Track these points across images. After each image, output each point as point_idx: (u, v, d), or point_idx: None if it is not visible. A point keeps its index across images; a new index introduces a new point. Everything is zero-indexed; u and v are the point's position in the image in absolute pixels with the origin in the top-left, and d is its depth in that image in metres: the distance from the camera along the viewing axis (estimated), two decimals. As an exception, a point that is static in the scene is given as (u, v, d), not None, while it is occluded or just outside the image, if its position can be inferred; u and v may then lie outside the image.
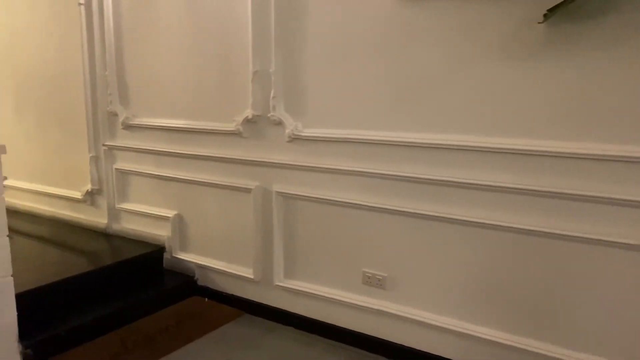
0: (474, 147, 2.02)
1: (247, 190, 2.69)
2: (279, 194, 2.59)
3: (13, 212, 3.93)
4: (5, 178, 4.03)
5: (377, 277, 2.36)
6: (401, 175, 2.20)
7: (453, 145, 2.06)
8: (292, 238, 2.61)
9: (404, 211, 2.22)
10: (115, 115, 3.20)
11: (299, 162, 2.50)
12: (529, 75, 1.90)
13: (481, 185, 2.02)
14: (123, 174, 3.27)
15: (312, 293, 2.56)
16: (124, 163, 3.25)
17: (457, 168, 2.08)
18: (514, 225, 1.98)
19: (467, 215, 2.08)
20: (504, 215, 2.00)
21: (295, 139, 2.50)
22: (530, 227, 1.95)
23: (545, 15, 1.78)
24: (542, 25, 1.83)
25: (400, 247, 2.28)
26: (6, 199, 4.04)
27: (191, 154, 2.89)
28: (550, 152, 1.87)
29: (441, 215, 2.13)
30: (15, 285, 2.23)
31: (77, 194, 3.50)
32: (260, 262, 2.72)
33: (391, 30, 2.17)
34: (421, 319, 2.25)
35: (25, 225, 3.69)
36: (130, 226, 3.27)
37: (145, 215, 3.17)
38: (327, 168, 2.41)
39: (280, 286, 2.66)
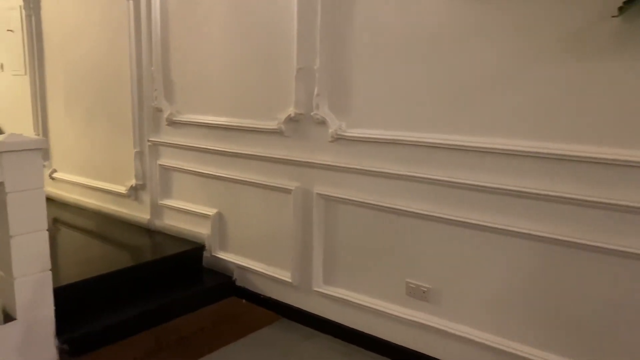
0: (531, 152, 1.84)
1: (287, 191, 2.60)
2: (320, 195, 2.49)
3: (61, 205, 4.03)
4: (55, 171, 4.15)
5: (422, 288, 2.21)
6: (453, 182, 2.05)
7: (511, 150, 1.89)
8: (333, 242, 2.50)
9: (453, 220, 2.07)
10: (160, 111, 3.19)
11: (342, 164, 2.38)
12: (599, 76, 1.70)
13: (543, 195, 1.84)
14: (166, 170, 3.25)
15: (352, 301, 2.44)
16: (167, 159, 3.23)
17: (516, 175, 1.90)
18: (580, 241, 1.79)
19: (524, 228, 1.90)
20: (569, 230, 1.81)
21: (338, 139, 2.39)
22: (597, 243, 1.76)
23: (621, 8, 1.59)
24: (616, 20, 1.63)
25: (446, 258, 2.13)
26: (56, 191, 4.16)
27: (232, 152, 2.83)
28: (626, 161, 1.67)
29: (494, 226, 1.97)
30: (56, 279, 2.24)
31: (122, 189, 3.52)
32: (299, 266, 2.62)
33: (445, 27, 2.02)
34: (465, 335, 2.09)
35: (72, 217, 3.76)
36: (172, 223, 3.26)
37: (186, 212, 3.15)
38: (372, 171, 2.28)
39: (319, 292, 2.56)
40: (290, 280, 2.65)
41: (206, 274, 3.03)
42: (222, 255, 2.99)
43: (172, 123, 3.14)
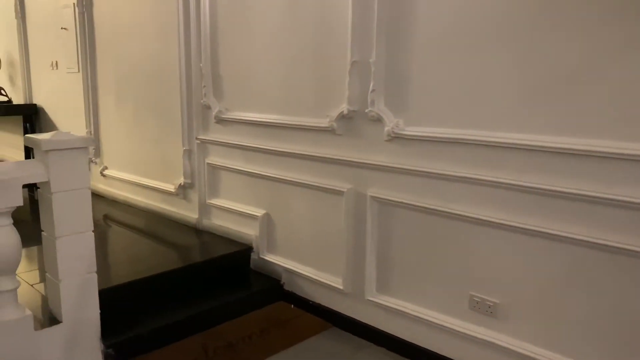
0: (622, 155, 1.61)
1: (339, 193, 2.45)
2: (374, 199, 2.32)
3: (112, 202, 4.04)
4: (106, 168, 4.16)
5: (487, 302, 2.01)
6: (524, 186, 1.83)
7: (599, 152, 1.66)
8: (388, 249, 2.33)
9: (527, 229, 1.85)
10: (209, 108, 3.10)
11: (399, 165, 2.21)
12: None
13: (637, 204, 1.61)
14: (214, 168, 3.17)
15: (408, 313, 2.26)
16: (215, 158, 3.15)
17: (606, 182, 1.67)
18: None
19: (618, 241, 1.66)
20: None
21: (395, 137, 2.21)
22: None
23: None
24: None
25: (518, 271, 1.92)
26: (106, 188, 4.17)
27: (281, 151, 2.70)
28: None
29: (579, 237, 1.74)
30: (103, 280, 2.19)
31: (171, 187, 3.47)
32: (351, 272, 2.47)
33: (521, 16, 1.81)
34: (536, 356, 1.88)
35: (122, 214, 3.75)
36: (220, 222, 3.17)
37: (234, 212, 3.05)
38: (432, 173, 2.09)
39: (372, 301, 2.39)
40: (341, 287, 2.50)
41: (253, 276, 2.92)
42: (270, 257, 2.88)
43: (221, 121, 3.05)
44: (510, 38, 1.83)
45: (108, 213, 3.86)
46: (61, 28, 4.30)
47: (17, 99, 5.18)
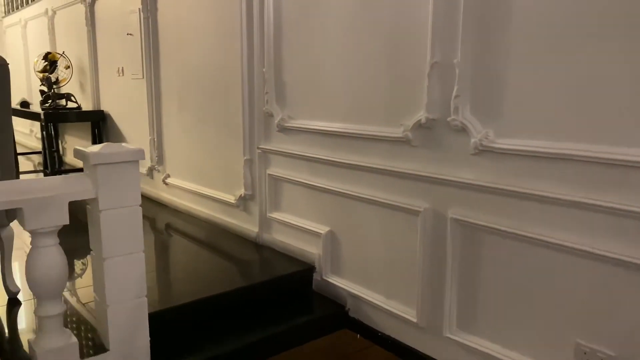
0: None
1: (415, 213, 2.15)
2: (457, 221, 2.00)
3: (173, 211, 3.93)
4: (168, 176, 4.07)
5: (599, 354, 1.64)
6: (655, 215, 1.47)
7: None
8: (472, 280, 2.00)
9: (653, 268, 1.49)
10: (271, 116, 2.90)
11: (487, 183, 1.88)
12: None
13: None
14: (276, 180, 2.96)
15: (495, 357, 1.92)
16: (277, 168, 2.93)
17: None
18: None
19: None
20: None
21: (483, 151, 1.89)
22: None
23: None
24: None
25: (641, 319, 1.55)
26: (168, 196, 4.07)
27: (349, 163, 2.44)
28: None
29: None
30: (160, 300, 2.02)
31: (231, 198, 3.29)
32: (427, 303, 2.16)
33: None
34: None
35: (183, 224, 3.63)
36: (280, 238, 2.95)
37: (296, 228, 2.82)
38: (532, 195, 1.75)
39: (452, 339, 2.07)
40: (415, 320, 2.20)
41: (316, 299, 2.67)
42: (334, 280, 2.62)
43: (283, 129, 2.83)
44: (636, 33, 1.47)
45: (170, 222, 3.77)
46: (127, 34, 4.27)
47: (86, 106, 5.25)
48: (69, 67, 5.23)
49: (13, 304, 2.38)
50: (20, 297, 2.36)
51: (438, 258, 2.09)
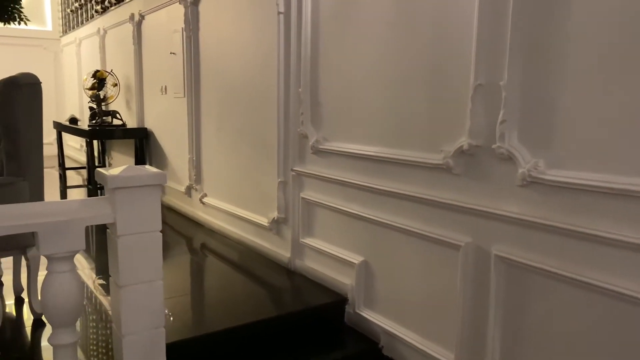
0: None
1: (455, 247, 1.97)
2: (501, 259, 1.81)
3: (209, 230, 3.88)
4: (205, 195, 4.02)
5: None
6: None
7: None
8: (518, 326, 1.79)
9: None
10: (306, 137, 2.79)
11: (537, 218, 1.68)
12: None
13: None
14: (309, 204, 2.84)
15: (543, 415, 1.71)
16: (311, 192, 2.81)
17: None
18: None
19: None
20: None
21: (532, 182, 1.70)
22: None
23: None
24: None
25: None
26: (204, 216, 4.02)
27: (384, 190, 2.28)
28: None
29: None
30: (194, 327, 1.95)
31: (264, 221, 3.20)
32: (467, 348, 1.96)
33: None
34: None
35: (217, 245, 3.57)
36: (313, 265, 2.82)
37: (328, 255, 2.68)
38: (590, 235, 1.54)
39: (494, 390, 1.87)
40: (453, 365, 2.00)
41: (347, 334, 2.51)
42: (368, 314, 2.45)
43: (318, 151, 2.71)
44: None
45: (205, 242, 3.72)
46: (170, 53, 4.31)
47: (131, 123, 5.33)
48: (116, 84, 5.34)
49: (38, 325, 2.35)
50: (44, 318, 2.32)
51: (480, 298, 1.90)
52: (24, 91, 2.13)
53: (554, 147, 1.65)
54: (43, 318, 2.32)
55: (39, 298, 2.31)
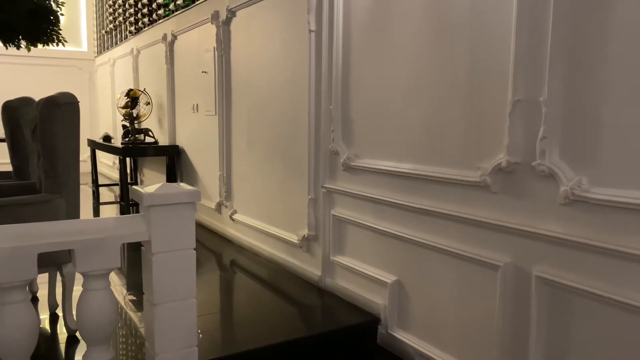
0: None
1: (493, 267, 1.91)
2: (543, 280, 1.74)
3: (239, 247, 3.88)
4: (235, 212, 4.03)
5: None
6: None
7: None
8: (562, 351, 1.72)
9: None
10: (337, 154, 2.77)
11: (580, 238, 1.62)
12: None
13: None
14: (340, 221, 2.81)
15: None
16: (342, 209, 2.78)
17: None
18: None
19: None
20: None
21: (575, 201, 1.64)
22: None
23: None
24: None
25: None
26: (234, 233, 4.03)
27: (420, 208, 2.24)
28: None
29: None
30: (219, 347, 1.93)
31: (295, 238, 3.18)
32: (507, 372, 1.89)
33: None
34: None
35: (247, 262, 3.56)
36: (344, 284, 2.78)
37: (360, 274, 2.64)
38: (638, 256, 1.48)
39: (537, 418, 1.78)
40: (492, 390, 1.93)
41: (380, 355, 2.45)
42: (401, 335, 2.39)
43: (349, 168, 2.69)
44: None
45: (235, 259, 3.72)
46: (202, 72, 4.37)
47: (163, 140, 5.41)
48: (149, 103, 5.45)
49: (72, 342, 2.37)
50: (79, 335, 2.34)
51: (520, 321, 1.83)
52: (63, 110, 2.18)
53: (598, 164, 1.59)
54: (77, 335, 2.33)
55: (74, 314, 2.34)
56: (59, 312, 2.60)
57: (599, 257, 1.59)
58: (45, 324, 2.54)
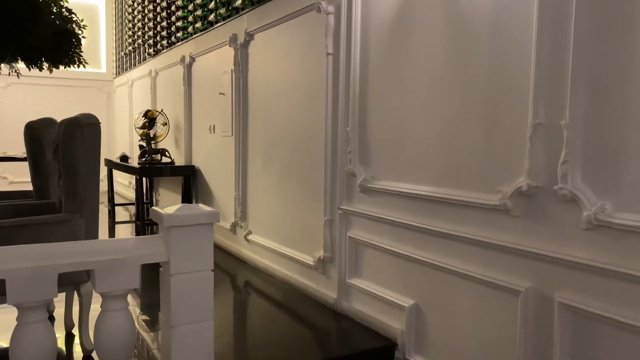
0: None
1: (514, 293, 1.88)
2: (566, 306, 1.71)
3: (253, 268, 3.87)
4: (250, 232, 4.03)
5: None
6: None
7: None
8: (586, 380, 1.67)
9: None
10: (354, 175, 2.77)
11: (605, 264, 1.59)
12: None
13: None
14: (357, 243, 2.79)
15: None
16: (358, 231, 2.77)
17: None
18: None
19: None
20: None
21: (599, 226, 1.61)
22: None
23: None
24: None
25: None
26: (249, 253, 4.02)
27: (437, 231, 2.22)
28: None
29: None
30: None
31: (310, 260, 3.16)
32: (529, 402, 1.84)
33: None
34: None
35: (261, 283, 3.55)
36: (360, 307, 2.75)
37: (377, 298, 2.61)
38: (662, 283, 1.45)
39: None
40: (514, 420, 1.87)
41: (397, 381, 2.41)
42: (419, 360, 2.35)
43: (366, 190, 2.68)
44: None
45: (249, 280, 3.70)
46: (219, 93, 4.42)
47: (179, 161, 5.46)
48: (166, 124, 5.51)
49: (87, 362, 2.36)
50: (94, 355, 2.33)
51: (542, 348, 1.79)
52: (85, 131, 2.22)
53: (622, 188, 1.56)
54: (93, 355, 2.32)
55: (90, 335, 2.33)
56: (75, 331, 2.60)
57: (624, 283, 1.55)
58: (62, 344, 2.54)
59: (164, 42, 5.97)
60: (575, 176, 1.68)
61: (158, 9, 6.09)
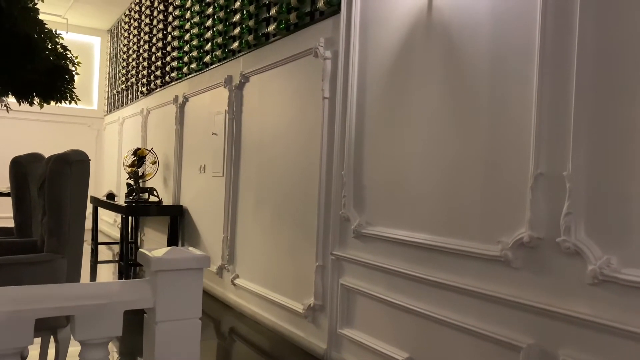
0: None
1: (515, 349, 1.80)
2: (571, 365, 1.63)
3: (239, 314, 3.74)
4: (237, 276, 3.91)
5: None
6: None
7: None
8: None
9: None
10: (348, 220, 2.71)
11: (611, 322, 1.53)
12: None
13: None
14: (349, 292, 2.70)
15: None
16: (351, 278, 2.69)
17: None
18: None
19: None
20: None
21: (605, 281, 1.56)
22: None
23: None
24: None
25: None
26: (235, 298, 3.88)
27: (433, 281, 2.15)
28: None
29: None
30: None
31: (299, 307, 3.05)
32: None
33: None
34: None
35: (247, 331, 3.41)
36: (351, 359, 2.63)
37: (369, 349, 2.50)
38: (675, 344, 1.38)
39: None
40: None
41: None
42: (413, 418, 2.23)
43: (360, 236, 2.62)
44: None
45: (235, 327, 3.56)
46: (212, 134, 4.39)
47: (167, 200, 5.37)
48: (155, 162, 5.45)
49: (60, 413, 2.20)
50: (68, 406, 2.18)
51: (546, 410, 1.70)
52: (73, 168, 2.14)
53: (628, 243, 1.52)
54: (67, 406, 2.17)
55: (65, 384, 2.19)
56: (49, 379, 2.44)
57: (630, 342, 1.49)
58: (33, 393, 2.38)
59: (158, 81, 5.99)
60: (579, 228, 1.64)
61: (154, 49, 6.13)
